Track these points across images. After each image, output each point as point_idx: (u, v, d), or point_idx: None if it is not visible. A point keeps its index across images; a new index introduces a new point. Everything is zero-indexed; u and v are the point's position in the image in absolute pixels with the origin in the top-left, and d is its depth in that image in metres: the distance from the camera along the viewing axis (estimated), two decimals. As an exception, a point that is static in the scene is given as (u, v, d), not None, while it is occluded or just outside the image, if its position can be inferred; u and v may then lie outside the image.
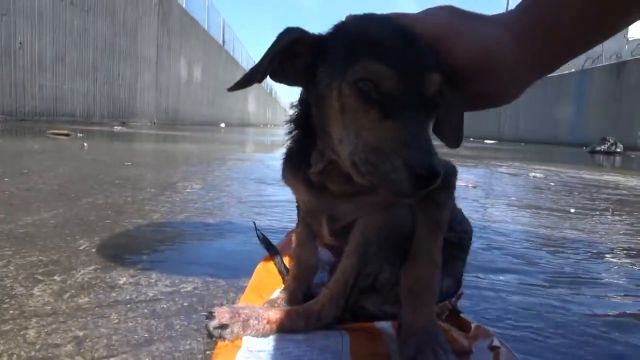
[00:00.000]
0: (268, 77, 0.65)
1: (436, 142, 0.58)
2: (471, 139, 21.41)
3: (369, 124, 0.56)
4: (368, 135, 0.56)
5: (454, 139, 0.70)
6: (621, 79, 17.47)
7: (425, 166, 0.51)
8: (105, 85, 12.06)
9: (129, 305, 0.82)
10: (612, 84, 17.93)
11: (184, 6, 18.28)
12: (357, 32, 0.61)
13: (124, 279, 0.95)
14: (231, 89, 0.64)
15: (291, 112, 0.73)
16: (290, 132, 0.73)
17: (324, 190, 0.71)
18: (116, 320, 0.76)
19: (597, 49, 20.52)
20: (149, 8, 14.73)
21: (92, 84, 11.36)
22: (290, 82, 0.67)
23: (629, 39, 20.95)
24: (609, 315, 0.92)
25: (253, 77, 0.62)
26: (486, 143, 16.92)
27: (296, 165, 0.73)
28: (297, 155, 0.73)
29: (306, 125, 0.69)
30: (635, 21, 0.67)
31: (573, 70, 20.77)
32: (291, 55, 0.63)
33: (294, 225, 0.91)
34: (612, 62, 19.18)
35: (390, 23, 0.61)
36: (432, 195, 0.70)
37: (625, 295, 1.05)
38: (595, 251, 1.46)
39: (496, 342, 0.71)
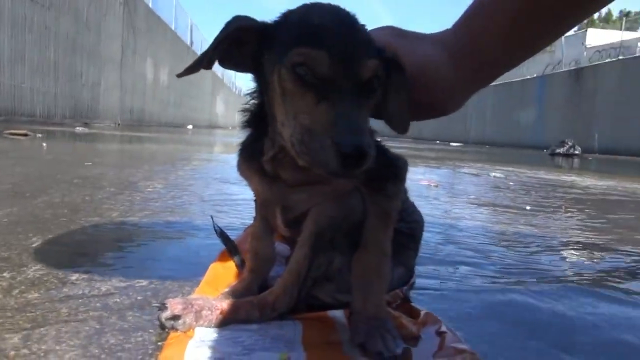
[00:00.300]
0: (229, 70, 0.67)
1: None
2: (437, 141, 21.80)
3: (305, 107, 0.58)
4: (304, 117, 0.58)
5: (400, 125, 0.73)
6: (580, 84, 18.18)
7: (352, 146, 0.53)
8: (67, 85, 11.70)
9: (80, 300, 0.81)
10: (571, 89, 18.63)
11: (150, 5, 17.96)
12: (299, 19, 0.63)
13: (77, 275, 0.94)
14: (180, 75, 0.66)
15: (246, 100, 0.74)
16: (245, 122, 0.74)
17: (277, 179, 0.72)
18: (67, 314, 0.75)
19: (558, 55, 21.29)
20: (113, 6, 14.41)
21: (53, 83, 11.00)
22: (239, 68, 0.69)
23: (587, 46, 21.81)
24: (549, 297, 0.96)
25: (200, 63, 0.64)
26: (452, 146, 17.28)
27: (250, 154, 0.74)
28: (252, 145, 0.74)
29: (259, 113, 0.70)
30: (554, 41, 0.75)
31: (535, 75, 21.46)
32: (238, 42, 0.65)
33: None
34: (572, 68, 19.92)
35: (335, 13, 0.63)
36: (381, 186, 0.73)
37: (566, 282, 1.10)
38: (546, 245, 1.52)
39: (443, 328, 0.73)
